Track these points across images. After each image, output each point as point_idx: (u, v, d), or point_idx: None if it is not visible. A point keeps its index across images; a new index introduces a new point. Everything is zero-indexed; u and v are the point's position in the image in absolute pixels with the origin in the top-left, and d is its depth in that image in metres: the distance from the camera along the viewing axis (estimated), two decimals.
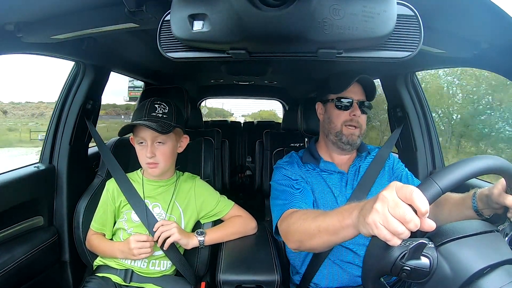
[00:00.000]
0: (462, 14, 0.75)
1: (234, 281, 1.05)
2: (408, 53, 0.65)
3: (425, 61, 1.28)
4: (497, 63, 0.94)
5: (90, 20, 0.84)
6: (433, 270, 0.58)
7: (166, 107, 1.18)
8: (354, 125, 1.16)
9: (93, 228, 1.25)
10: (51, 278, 1.36)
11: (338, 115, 1.17)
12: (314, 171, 1.19)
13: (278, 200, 1.11)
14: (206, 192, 1.31)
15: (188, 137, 1.30)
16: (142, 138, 1.17)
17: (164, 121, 1.15)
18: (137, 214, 1.19)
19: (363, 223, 0.63)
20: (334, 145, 1.20)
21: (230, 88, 3.34)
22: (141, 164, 1.21)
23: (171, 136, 1.19)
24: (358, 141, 1.17)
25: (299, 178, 1.15)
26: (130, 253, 1.14)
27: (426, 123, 1.57)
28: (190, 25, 0.62)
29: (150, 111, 1.16)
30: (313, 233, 0.83)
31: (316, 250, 0.96)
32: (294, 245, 0.95)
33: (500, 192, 0.75)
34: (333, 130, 1.18)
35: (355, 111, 1.16)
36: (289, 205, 1.05)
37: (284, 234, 1.00)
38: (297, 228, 0.90)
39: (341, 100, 1.17)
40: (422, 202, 0.54)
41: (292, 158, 1.25)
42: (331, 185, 1.16)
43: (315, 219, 0.84)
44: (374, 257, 0.61)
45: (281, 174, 1.17)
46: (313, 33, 0.59)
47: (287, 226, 0.97)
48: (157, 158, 1.17)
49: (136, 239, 1.14)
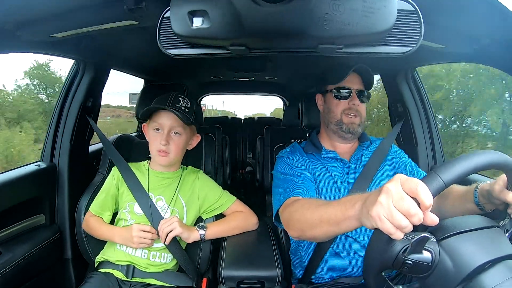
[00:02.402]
0: (462, 9, 0.75)
1: (236, 277, 1.06)
2: (409, 48, 0.65)
3: (425, 56, 1.28)
4: (498, 58, 0.93)
5: (89, 18, 0.84)
6: (435, 264, 0.58)
7: (188, 103, 1.22)
8: (354, 114, 1.16)
9: (92, 211, 1.25)
10: (53, 275, 1.37)
11: (337, 104, 1.18)
12: (317, 161, 1.20)
13: (280, 188, 1.11)
14: (208, 186, 1.32)
15: (200, 137, 1.33)
16: (159, 125, 1.19)
17: (186, 114, 1.17)
18: (141, 207, 1.20)
19: (366, 216, 0.62)
20: (335, 134, 1.20)
21: (230, 84, 3.34)
22: (151, 151, 1.22)
23: (187, 130, 1.23)
24: (359, 129, 1.17)
25: (302, 167, 1.15)
26: (130, 240, 1.14)
27: (427, 118, 1.56)
28: (190, 21, 0.62)
29: (174, 102, 1.18)
30: (315, 222, 0.83)
31: (317, 239, 0.98)
32: (295, 233, 0.95)
33: (501, 188, 0.75)
34: (333, 119, 1.19)
35: (353, 100, 1.16)
36: (291, 193, 1.05)
37: (285, 222, 1.00)
38: (299, 217, 0.91)
39: (340, 90, 1.17)
40: (427, 196, 0.54)
41: (295, 148, 1.25)
42: (333, 173, 1.17)
43: (317, 208, 0.84)
44: (376, 251, 0.61)
45: (284, 163, 1.18)
46: (313, 28, 0.59)
47: (289, 214, 0.97)
48: (170, 147, 1.19)
49: (139, 228, 1.14)
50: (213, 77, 3.01)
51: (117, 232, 1.19)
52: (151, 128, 1.22)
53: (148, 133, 1.24)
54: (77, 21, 0.85)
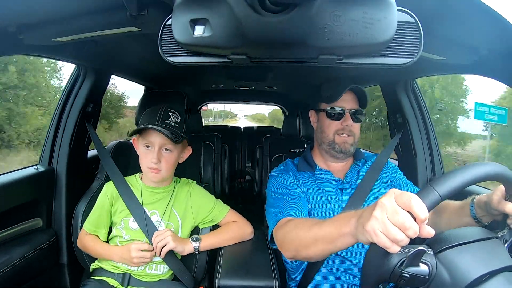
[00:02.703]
0: (462, 21, 0.76)
1: (232, 286, 1.05)
2: (408, 60, 0.65)
3: (425, 67, 1.29)
4: (497, 69, 0.94)
5: (92, 24, 0.85)
6: (432, 277, 0.58)
7: (178, 117, 1.18)
8: (347, 134, 1.15)
9: (86, 229, 1.23)
10: (48, 280, 1.35)
11: (329, 125, 1.17)
12: (310, 179, 1.18)
13: (273, 208, 1.10)
14: (202, 197, 1.31)
15: (191, 150, 1.30)
16: (150, 143, 1.16)
17: (175, 130, 1.14)
18: (137, 221, 1.19)
19: (361, 231, 0.62)
20: (328, 154, 1.20)
21: (230, 93, 3.35)
22: (142, 167, 1.20)
23: (178, 146, 1.19)
24: (351, 149, 1.16)
25: (294, 187, 1.14)
26: (130, 261, 1.13)
27: (426, 130, 1.57)
28: (191, 29, 0.62)
29: (163, 118, 1.15)
30: (309, 242, 0.82)
31: (312, 259, 0.94)
32: (289, 254, 0.93)
33: (499, 199, 0.74)
34: (325, 140, 1.18)
35: (347, 121, 1.15)
36: (284, 213, 1.04)
37: (279, 243, 0.99)
38: (293, 237, 0.89)
39: (333, 109, 1.16)
40: (421, 209, 0.54)
41: (287, 166, 1.24)
42: (326, 193, 1.15)
43: (311, 227, 0.83)
44: (373, 265, 0.61)
45: (276, 183, 1.16)
46: (314, 39, 0.59)
47: (283, 235, 0.96)
48: (161, 165, 1.17)
49: (138, 248, 1.13)
50: (213, 86, 3.02)
51: (114, 252, 1.17)
52: (141, 144, 1.19)
53: (138, 148, 1.22)
54: (79, 26, 0.85)
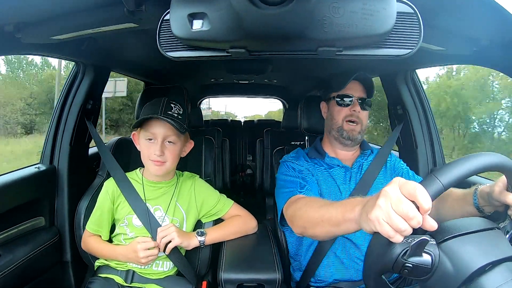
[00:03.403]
0: (461, 11, 0.75)
1: (236, 280, 1.05)
2: (408, 51, 0.65)
3: (425, 58, 1.28)
4: (497, 59, 0.93)
5: (90, 20, 0.84)
6: (435, 267, 0.58)
7: (181, 109, 1.17)
8: (355, 121, 1.20)
9: (89, 229, 1.21)
10: (52, 278, 1.36)
11: (339, 112, 1.22)
12: (320, 166, 1.23)
13: (284, 188, 1.13)
14: (205, 191, 1.30)
15: (193, 143, 1.28)
16: (153, 134, 1.14)
17: (179, 122, 1.13)
18: (140, 218, 1.18)
19: (365, 220, 0.62)
20: (336, 141, 1.24)
21: (230, 87, 3.33)
22: (144, 161, 1.18)
23: (181, 138, 1.18)
24: (359, 136, 1.21)
25: (306, 171, 1.18)
26: (138, 260, 1.12)
27: (426, 120, 1.57)
28: (190, 24, 0.62)
29: (166, 109, 1.13)
30: (316, 221, 0.85)
31: (318, 238, 1.02)
32: (298, 229, 0.97)
33: (501, 189, 0.75)
34: (335, 126, 1.23)
35: (355, 107, 1.20)
36: (295, 191, 1.07)
37: (289, 218, 1.02)
38: (302, 214, 0.93)
39: (342, 97, 1.22)
40: (425, 198, 0.54)
41: (299, 153, 1.29)
42: (336, 178, 1.20)
43: (320, 208, 0.86)
44: (376, 254, 0.61)
45: (288, 167, 1.21)
46: (313, 31, 0.59)
47: (293, 211, 0.99)
48: (166, 156, 1.15)
49: (144, 247, 1.11)
50: (213, 80, 3.01)
51: (120, 252, 1.16)
52: (143, 138, 1.17)
53: (139, 142, 1.19)
54: (77, 24, 0.85)
